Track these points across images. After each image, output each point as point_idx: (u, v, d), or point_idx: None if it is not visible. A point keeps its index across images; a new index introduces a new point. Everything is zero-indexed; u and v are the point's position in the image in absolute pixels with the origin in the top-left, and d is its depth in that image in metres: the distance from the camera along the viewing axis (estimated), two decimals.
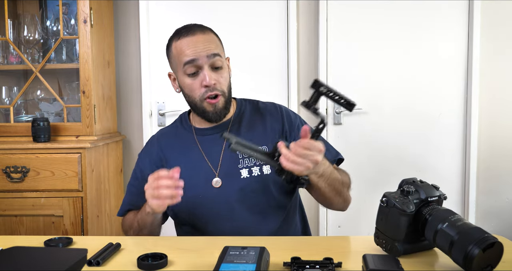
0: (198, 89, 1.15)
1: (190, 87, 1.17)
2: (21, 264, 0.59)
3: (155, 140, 1.29)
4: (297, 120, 1.27)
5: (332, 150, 1.26)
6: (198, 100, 1.17)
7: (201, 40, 1.14)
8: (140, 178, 1.24)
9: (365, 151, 2.43)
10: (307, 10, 2.41)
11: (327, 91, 0.96)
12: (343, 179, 1.16)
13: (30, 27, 2.11)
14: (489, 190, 2.44)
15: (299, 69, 2.43)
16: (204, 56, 1.13)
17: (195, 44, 1.13)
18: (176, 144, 1.25)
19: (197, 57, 1.13)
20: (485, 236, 0.76)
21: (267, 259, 0.84)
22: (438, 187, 0.92)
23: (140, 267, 0.86)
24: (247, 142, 0.99)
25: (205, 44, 1.14)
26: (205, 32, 1.17)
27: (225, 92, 1.18)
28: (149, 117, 2.45)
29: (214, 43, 1.16)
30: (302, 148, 0.93)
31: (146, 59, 2.42)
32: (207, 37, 1.16)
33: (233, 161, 1.18)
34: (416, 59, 2.42)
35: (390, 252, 0.89)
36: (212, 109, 1.17)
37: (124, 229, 1.24)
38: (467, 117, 2.42)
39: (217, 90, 1.15)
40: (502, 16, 2.38)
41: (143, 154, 1.29)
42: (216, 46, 1.16)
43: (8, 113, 2.08)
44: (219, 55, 1.15)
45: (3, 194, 1.87)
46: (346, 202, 1.20)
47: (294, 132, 1.24)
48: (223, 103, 1.17)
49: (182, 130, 1.27)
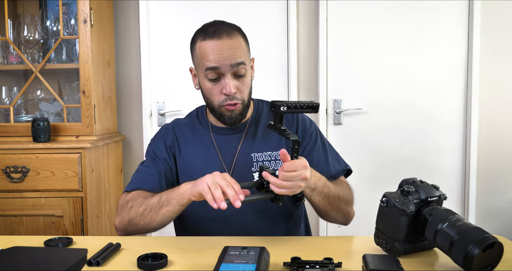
0: (218, 95, 1.13)
1: (209, 91, 1.14)
2: (21, 264, 0.59)
3: (171, 129, 1.26)
4: (311, 128, 1.25)
5: (341, 161, 1.25)
6: (216, 105, 1.15)
7: (227, 46, 1.09)
8: (156, 160, 1.20)
9: (365, 150, 2.44)
10: (307, 10, 2.41)
11: (288, 108, 0.96)
12: (339, 193, 1.12)
13: (30, 27, 2.11)
14: (489, 190, 2.44)
15: (299, 69, 2.43)
16: (228, 65, 1.09)
17: (220, 51, 1.08)
18: (192, 138, 1.23)
19: (220, 65, 1.09)
20: (485, 236, 0.76)
21: (267, 259, 0.84)
22: (438, 187, 0.92)
23: (140, 267, 0.86)
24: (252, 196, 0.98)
25: (230, 52, 1.09)
26: (232, 37, 1.10)
27: (244, 100, 1.15)
28: (149, 117, 2.45)
29: (240, 50, 1.11)
30: (287, 171, 0.94)
31: (146, 59, 2.42)
32: (233, 42, 1.10)
33: (247, 164, 1.17)
34: (416, 59, 2.42)
35: (390, 252, 0.89)
36: (229, 114, 1.15)
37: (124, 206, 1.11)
38: (467, 117, 2.42)
39: (237, 99, 1.13)
40: (502, 16, 2.38)
41: (157, 138, 1.25)
42: (242, 54, 1.11)
43: (8, 113, 2.08)
44: (244, 63, 1.11)
45: (3, 194, 1.87)
46: (346, 217, 1.17)
47: (306, 139, 1.22)
48: (240, 110, 1.16)
49: (198, 125, 1.25)
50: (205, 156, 1.20)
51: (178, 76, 2.41)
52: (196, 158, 1.19)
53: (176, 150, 1.22)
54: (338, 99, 2.42)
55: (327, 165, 1.21)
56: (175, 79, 2.43)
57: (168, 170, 1.20)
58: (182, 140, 1.23)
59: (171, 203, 1.02)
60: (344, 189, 1.17)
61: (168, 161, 1.21)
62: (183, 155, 1.21)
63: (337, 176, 1.21)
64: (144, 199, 1.08)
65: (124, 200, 1.12)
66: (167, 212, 1.04)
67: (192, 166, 1.20)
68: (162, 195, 1.05)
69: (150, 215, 1.05)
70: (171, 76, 2.43)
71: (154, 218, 1.05)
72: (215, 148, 1.21)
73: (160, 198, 1.04)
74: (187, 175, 1.19)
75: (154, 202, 1.05)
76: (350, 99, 2.43)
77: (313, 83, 2.44)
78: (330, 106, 2.43)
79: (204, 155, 1.20)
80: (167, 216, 1.05)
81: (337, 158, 1.25)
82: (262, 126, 1.23)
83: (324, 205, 1.09)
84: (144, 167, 1.21)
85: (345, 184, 1.21)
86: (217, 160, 1.19)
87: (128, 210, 1.09)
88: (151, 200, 1.06)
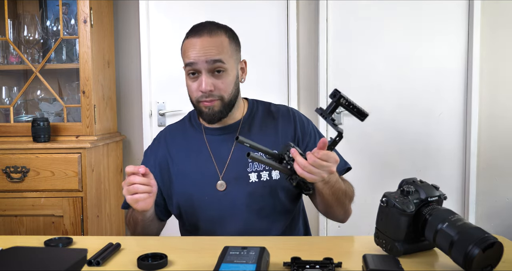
0: (196, 92, 1.15)
1: (189, 88, 1.17)
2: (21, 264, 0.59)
3: (163, 139, 1.28)
4: (309, 127, 1.26)
5: (341, 159, 1.25)
6: (195, 101, 1.17)
7: (205, 44, 1.11)
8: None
9: (365, 151, 2.43)
10: (307, 10, 2.41)
11: (346, 102, 0.99)
12: (346, 189, 1.15)
13: (30, 27, 2.11)
14: (489, 190, 2.44)
15: (299, 69, 2.43)
16: (203, 61, 1.11)
17: (197, 48, 1.11)
18: (184, 144, 1.24)
19: (196, 61, 1.11)
20: (485, 236, 0.76)
21: (267, 259, 0.84)
22: (438, 187, 0.92)
23: (140, 267, 0.86)
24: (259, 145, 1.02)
25: (207, 49, 1.10)
26: (213, 35, 1.12)
27: (224, 98, 1.15)
28: (149, 117, 2.45)
29: (218, 48, 1.12)
30: (320, 159, 0.96)
31: (146, 59, 2.42)
32: (213, 40, 1.12)
33: (242, 164, 1.17)
34: (416, 59, 2.42)
35: (390, 252, 0.89)
36: (207, 111, 1.15)
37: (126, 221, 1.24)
38: (467, 117, 2.42)
39: (213, 97, 1.13)
40: (502, 16, 2.38)
41: (149, 151, 1.29)
42: (220, 51, 1.12)
43: (8, 113, 2.08)
44: (221, 61, 1.11)
45: (3, 194, 1.87)
46: (346, 214, 1.19)
47: (306, 139, 1.23)
48: (219, 107, 1.15)
49: (190, 129, 1.26)
50: (197, 159, 1.21)
51: (178, 76, 2.39)
52: (188, 162, 1.20)
53: (169, 160, 1.23)
54: None
55: None
56: (175, 79, 2.42)
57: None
58: (174, 148, 1.24)
59: (139, 219, 1.13)
60: (349, 186, 1.19)
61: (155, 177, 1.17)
62: (176, 162, 1.22)
63: (340, 173, 1.21)
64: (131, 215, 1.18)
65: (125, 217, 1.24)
66: (145, 224, 1.15)
67: (185, 171, 1.20)
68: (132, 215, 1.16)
69: (142, 229, 1.16)
70: (171, 76, 2.43)
71: (147, 229, 1.17)
72: (208, 150, 1.21)
73: (132, 218, 1.16)
74: (182, 180, 1.20)
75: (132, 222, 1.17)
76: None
77: (313, 83, 2.44)
78: None
79: (196, 158, 1.21)
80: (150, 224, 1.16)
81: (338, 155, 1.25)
82: (256, 126, 1.23)
83: (332, 200, 1.11)
84: None
85: (348, 181, 1.23)
86: (210, 162, 1.19)
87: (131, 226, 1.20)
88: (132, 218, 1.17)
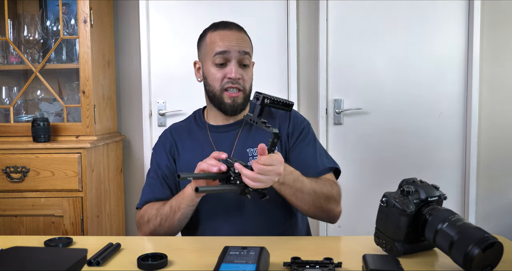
0: (221, 80, 1.19)
1: (214, 76, 1.19)
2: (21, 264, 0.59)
3: (168, 133, 1.30)
4: (304, 124, 1.27)
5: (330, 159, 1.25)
6: (218, 90, 1.19)
7: (236, 36, 1.20)
8: (158, 170, 1.25)
9: (365, 150, 2.43)
10: (307, 10, 2.41)
11: (270, 101, 0.99)
12: (316, 188, 1.09)
13: (30, 27, 2.11)
14: (489, 190, 2.44)
15: (299, 69, 2.43)
16: (236, 51, 1.17)
17: (230, 38, 1.18)
18: (189, 139, 1.26)
19: (229, 50, 1.17)
20: (485, 236, 0.76)
21: (267, 259, 0.84)
22: (438, 187, 0.92)
23: (140, 267, 0.86)
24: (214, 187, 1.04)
25: (238, 40, 1.19)
26: (241, 31, 1.23)
27: (246, 90, 1.21)
28: (149, 117, 2.45)
29: (247, 42, 1.22)
30: (263, 164, 0.95)
31: (146, 59, 2.42)
32: (242, 35, 1.22)
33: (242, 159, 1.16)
34: (416, 58, 2.42)
35: (390, 252, 0.89)
36: (230, 102, 1.19)
37: (141, 221, 1.19)
38: (467, 117, 2.42)
39: (239, 85, 1.19)
40: (502, 16, 2.38)
41: (157, 146, 1.30)
42: (248, 46, 1.22)
43: (8, 113, 2.08)
44: (249, 54, 1.21)
45: (3, 194, 1.87)
46: (328, 214, 1.15)
47: (297, 134, 1.23)
48: (242, 99, 1.20)
49: (195, 127, 1.29)
50: (201, 154, 1.20)
51: (178, 76, 2.41)
52: (193, 157, 1.20)
53: (175, 152, 1.26)
54: (338, 99, 2.43)
55: (315, 160, 1.21)
56: (175, 79, 2.43)
57: (171, 176, 1.24)
58: (180, 142, 1.27)
59: (181, 207, 1.10)
60: (324, 185, 1.13)
61: (169, 167, 1.25)
62: (182, 156, 1.25)
63: (323, 172, 1.19)
64: (158, 210, 1.15)
65: (140, 216, 1.20)
66: (182, 216, 1.11)
67: (189, 166, 1.20)
68: (171, 202, 1.13)
69: (167, 223, 1.13)
70: (171, 76, 2.43)
71: (172, 224, 1.13)
72: (212, 146, 1.23)
73: (171, 205, 1.12)
74: None
75: (167, 210, 1.12)
76: (350, 99, 2.43)
77: (313, 83, 2.44)
78: (330, 106, 2.43)
79: (201, 153, 1.21)
80: (183, 218, 1.13)
81: (326, 155, 1.25)
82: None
83: (296, 200, 1.09)
84: (150, 179, 1.26)
85: (330, 181, 1.18)
86: None
87: (146, 224, 1.16)
88: (163, 209, 1.13)
